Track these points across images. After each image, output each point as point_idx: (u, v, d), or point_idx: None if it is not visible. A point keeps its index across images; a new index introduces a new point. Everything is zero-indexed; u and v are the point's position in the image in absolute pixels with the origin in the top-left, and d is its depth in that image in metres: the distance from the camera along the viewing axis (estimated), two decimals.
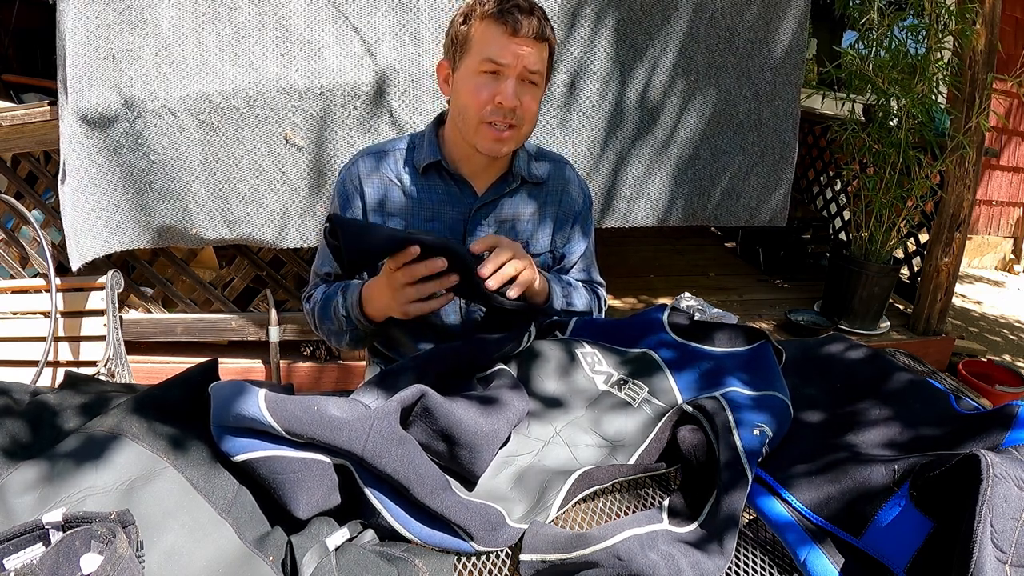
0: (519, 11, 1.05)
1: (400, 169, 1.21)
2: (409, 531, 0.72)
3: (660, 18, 2.29)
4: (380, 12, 2.07)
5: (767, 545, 0.79)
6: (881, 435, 0.87)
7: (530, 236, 1.25)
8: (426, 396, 0.78)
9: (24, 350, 2.16)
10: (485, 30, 1.06)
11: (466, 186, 1.20)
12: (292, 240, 2.26)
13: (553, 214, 1.27)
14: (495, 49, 1.05)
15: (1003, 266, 5.56)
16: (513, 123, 1.10)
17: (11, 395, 0.84)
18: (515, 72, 1.07)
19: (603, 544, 0.71)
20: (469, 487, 0.81)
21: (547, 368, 0.98)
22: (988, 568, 0.60)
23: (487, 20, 1.06)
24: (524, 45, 1.06)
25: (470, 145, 1.14)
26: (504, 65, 1.06)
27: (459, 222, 1.20)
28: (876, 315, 3.09)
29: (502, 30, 1.05)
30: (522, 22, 1.04)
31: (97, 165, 2.10)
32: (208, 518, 0.67)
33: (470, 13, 1.08)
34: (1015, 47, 4.20)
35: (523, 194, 1.23)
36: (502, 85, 1.07)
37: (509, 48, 1.05)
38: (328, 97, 2.09)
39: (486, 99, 1.08)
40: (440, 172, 1.19)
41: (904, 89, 2.75)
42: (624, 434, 0.89)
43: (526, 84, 1.09)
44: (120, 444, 0.70)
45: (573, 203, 1.29)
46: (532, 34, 1.06)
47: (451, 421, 0.78)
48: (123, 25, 1.98)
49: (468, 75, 1.09)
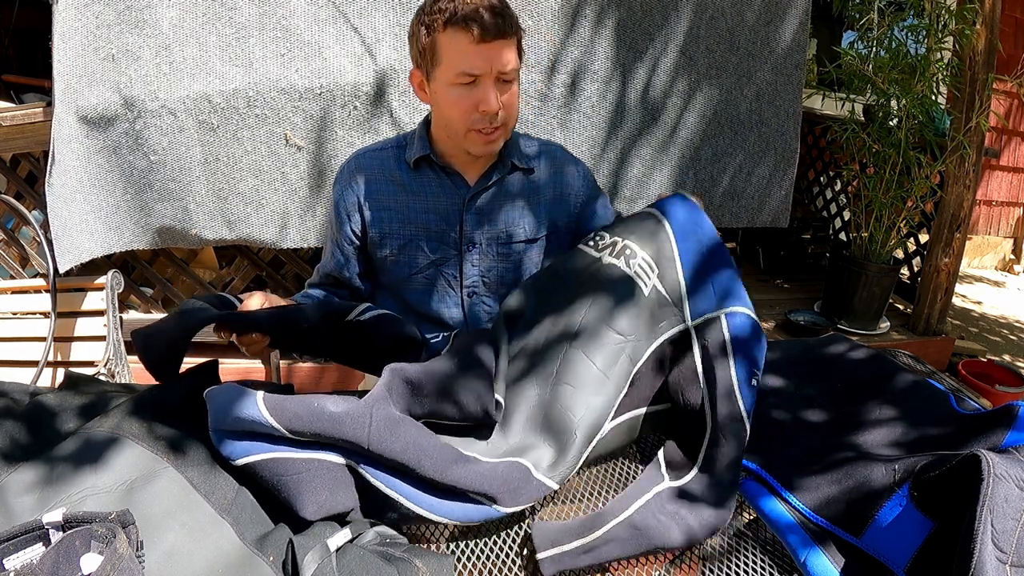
0: (483, 14, 1.02)
1: (393, 166, 1.22)
2: (431, 511, 0.72)
3: (660, 18, 2.28)
4: (380, 12, 2.07)
5: (767, 545, 0.78)
6: (881, 435, 0.87)
7: (522, 221, 1.24)
8: (402, 370, 0.79)
9: (24, 350, 2.16)
10: (451, 40, 1.03)
11: (457, 177, 1.21)
12: (292, 240, 2.26)
13: (548, 196, 1.26)
14: (466, 60, 1.04)
15: (1003, 266, 5.56)
16: (499, 125, 1.10)
17: (11, 396, 0.84)
18: (491, 77, 1.06)
19: (618, 519, 0.74)
20: (499, 435, 0.83)
21: (544, 279, 0.99)
22: (988, 568, 0.60)
23: (451, 28, 1.03)
24: (493, 48, 1.04)
25: (461, 149, 1.15)
26: (478, 75, 1.05)
27: (454, 212, 1.21)
28: (876, 315, 3.09)
29: (468, 38, 1.02)
30: (487, 25, 1.01)
31: (96, 165, 2.10)
32: (208, 518, 0.67)
33: (431, 23, 1.05)
34: (1015, 47, 4.20)
35: (514, 180, 1.24)
36: (482, 92, 1.06)
37: (479, 55, 1.03)
38: (328, 97, 2.09)
39: (469, 108, 1.07)
40: (431, 166, 1.20)
41: (904, 89, 2.75)
42: (637, 328, 0.89)
43: (503, 83, 1.08)
44: (120, 444, 0.70)
45: (570, 181, 1.27)
46: (498, 34, 1.03)
47: (435, 377, 0.79)
48: (123, 25, 1.98)
49: (444, 87, 1.08)
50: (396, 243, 1.22)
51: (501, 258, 1.23)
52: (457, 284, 1.24)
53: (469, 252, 1.22)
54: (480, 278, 1.24)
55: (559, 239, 1.29)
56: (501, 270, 1.24)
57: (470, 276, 1.23)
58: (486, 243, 1.22)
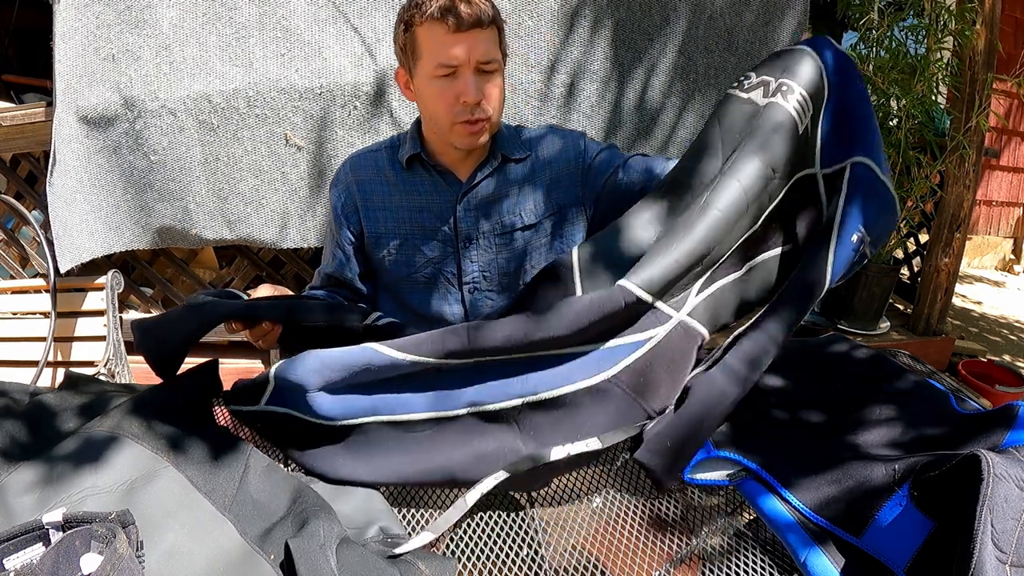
0: (458, 5, 1.03)
1: (387, 166, 1.23)
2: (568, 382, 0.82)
3: (659, 19, 2.29)
4: (380, 12, 2.07)
5: (767, 545, 0.79)
6: (881, 435, 0.87)
7: (520, 208, 1.23)
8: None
9: (24, 350, 2.16)
10: (429, 33, 1.05)
11: (449, 175, 1.21)
12: (292, 240, 2.26)
13: (546, 178, 1.24)
14: (443, 51, 1.05)
15: (1003, 266, 5.56)
16: (482, 116, 1.10)
17: (11, 396, 0.84)
18: (470, 67, 1.06)
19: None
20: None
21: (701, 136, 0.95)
22: (988, 568, 0.60)
23: (428, 23, 1.05)
24: (470, 38, 1.05)
25: (450, 146, 1.16)
26: (457, 65, 1.06)
27: (448, 209, 1.21)
28: (876, 315, 3.09)
29: (444, 29, 1.04)
30: (462, 15, 1.03)
31: (96, 165, 2.10)
32: (209, 516, 0.67)
33: (409, 19, 1.07)
34: (1015, 47, 4.19)
35: (509, 171, 1.23)
36: (461, 83, 1.07)
37: (456, 45, 1.04)
38: (328, 97, 2.09)
39: (451, 101, 1.08)
40: (423, 164, 1.21)
41: (904, 89, 2.75)
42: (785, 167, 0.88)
43: (483, 74, 1.08)
44: (120, 444, 0.70)
45: (566, 155, 1.25)
46: (474, 23, 1.04)
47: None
48: (123, 25, 1.98)
49: (425, 81, 1.09)
50: (393, 242, 1.22)
51: (502, 249, 1.23)
52: (456, 281, 1.24)
53: (467, 248, 1.22)
54: (480, 273, 1.24)
55: (568, 217, 1.26)
56: (502, 262, 1.24)
57: (470, 272, 1.23)
58: (484, 237, 1.22)
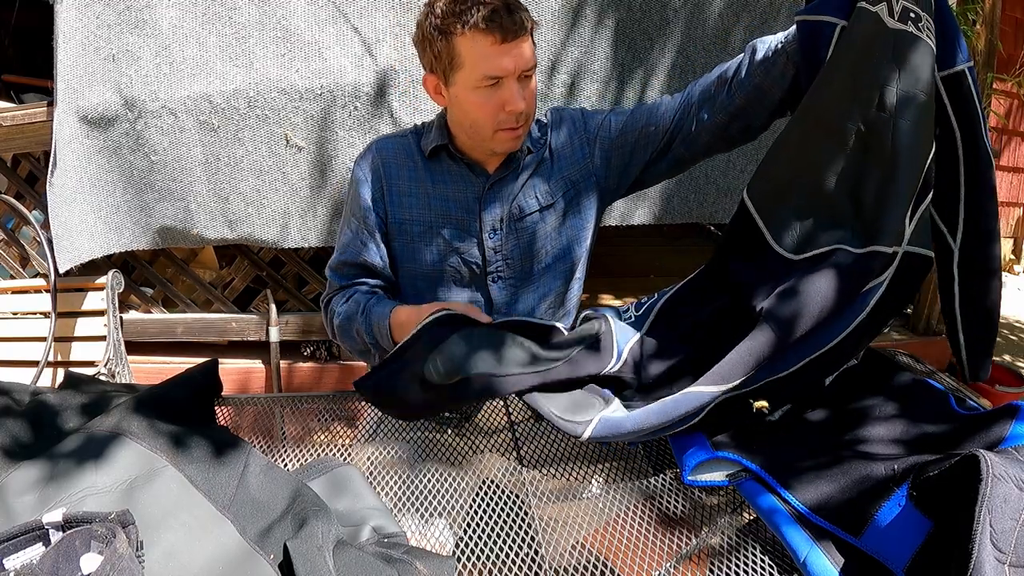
0: (502, 15, 1.01)
1: (415, 152, 1.23)
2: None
3: (659, 19, 2.29)
4: (380, 12, 2.07)
5: (767, 545, 0.79)
6: (881, 435, 0.87)
7: (533, 191, 1.23)
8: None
9: (24, 350, 2.17)
10: (473, 44, 1.03)
11: (477, 166, 1.21)
12: (293, 240, 2.26)
13: (561, 158, 1.25)
14: (489, 63, 1.04)
15: (1003, 266, 5.56)
16: (524, 122, 1.11)
17: (11, 395, 0.84)
18: (515, 76, 1.06)
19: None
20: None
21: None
22: (987, 568, 0.60)
23: (471, 33, 1.02)
24: (515, 48, 1.04)
25: (486, 149, 1.16)
26: (504, 76, 1.05)
27: (473, 200, 1.21)
28: None
29: (491, 40, 1.02)
30: (507, 25, 1.02)
31: (97, 165, 2.10)
32: (209, 516, 0.67)
33: (447, 27, 1.04)
34: (1015, 47, 4.19)
35: (530, 161, 1.24)
36: (507, 92, 1.06)
37: (503, 57, 1.04)
38: (328, 98, 2.09)
39: (495, 110, 1.08)
40: (450, 155, 1.21)
41: None
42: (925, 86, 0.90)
43: (525, 79, 1.09)
44: (120, 444, 0.70)
45: (577, 132, 1.25)
46: (520, 33, 1.04)
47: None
48: (123, 25, 1.99)
49: (467, 90, 1.08)
50: (416, 229, 1.22)
51: (521, 235, 1.23)
52: (481, 270, 1.24)
53: (491, 238, 1.22)
54: (504, 261, 1.24)
55: (581, 189, 1.26)
56: (523, 247, 1.24)
57: (493, 262, 1.23)
58: (504, 225, 1.22)
